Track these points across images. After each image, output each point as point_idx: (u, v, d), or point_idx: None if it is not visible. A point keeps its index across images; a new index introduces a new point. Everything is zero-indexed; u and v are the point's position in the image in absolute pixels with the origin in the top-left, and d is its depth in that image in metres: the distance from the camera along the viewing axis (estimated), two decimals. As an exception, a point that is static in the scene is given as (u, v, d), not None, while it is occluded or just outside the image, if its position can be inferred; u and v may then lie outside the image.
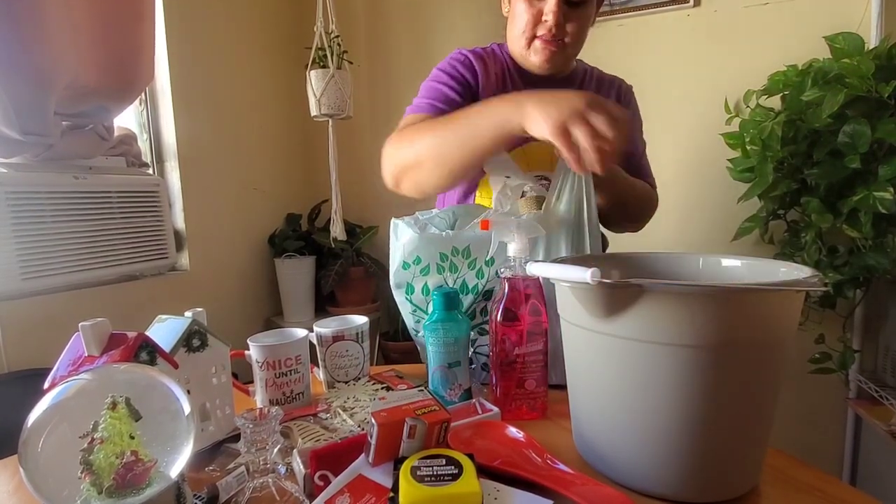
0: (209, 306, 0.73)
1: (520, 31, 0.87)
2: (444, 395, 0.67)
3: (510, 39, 0.92)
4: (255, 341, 0.69)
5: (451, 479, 0.41)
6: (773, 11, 1.50)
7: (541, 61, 0.87)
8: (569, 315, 0.53)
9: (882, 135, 1.11)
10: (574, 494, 0.44)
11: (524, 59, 0.91)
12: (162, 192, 1.54)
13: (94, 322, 0.50)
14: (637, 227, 1.02)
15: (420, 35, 2.00)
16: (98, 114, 1.37)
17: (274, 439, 0.49)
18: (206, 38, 1.73)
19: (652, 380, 0.46)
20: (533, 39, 0.86)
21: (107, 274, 1.40)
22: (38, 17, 1.12)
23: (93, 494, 0.38)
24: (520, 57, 0.92)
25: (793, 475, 0.51)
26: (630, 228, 1.02)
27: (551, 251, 0.73)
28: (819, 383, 1.41)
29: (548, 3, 0.83)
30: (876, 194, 1.13)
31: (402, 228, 0.75)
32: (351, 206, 2.03)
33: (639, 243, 1.04)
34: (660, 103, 1.63)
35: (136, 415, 0.41)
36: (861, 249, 1.23)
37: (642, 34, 1.66)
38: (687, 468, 0.46)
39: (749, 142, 1.38)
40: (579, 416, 0.56)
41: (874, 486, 1.39)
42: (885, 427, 1.21)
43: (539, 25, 0.85)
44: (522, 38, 0.87)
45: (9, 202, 1.17)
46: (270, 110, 2.02)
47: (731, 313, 0.43)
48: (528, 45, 0.87)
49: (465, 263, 0.73)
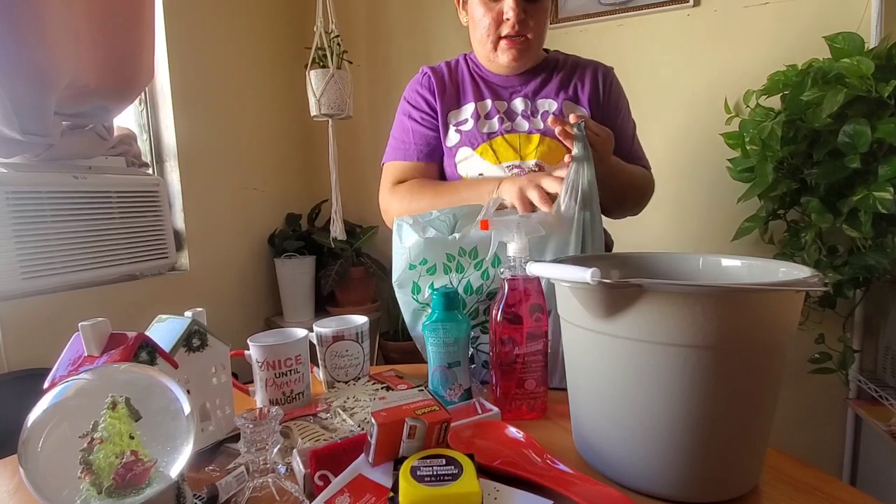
0: (209, 306, 0.73)
1: (483, 34, 0.90)
2: (444, 395, 0.67)
3: (476, 45, 0.95)
4: (255, 341, 0.69)
5: (451, 479, 0.41)
6: (773, 11, 1.50)
7: (509, 60, 0.90)
8: (569, 315, 0.53)
9: (882, 135, 1.11)
10: (574, 494, 0.44)
11: (492, 62, 0.94)
12: (162, 192, 1.54)
13: (94, 322, 0.50)
14: (637, 211, 1.02)
15: (420, 35, 2.00)
16: (98, 114, 1.37)
17: (274, 439, 0.49)
18: (205, 38, 1.73)
19: (652, 380, 0.46)
20: (498, 41, 0.89)
21: (107, 274, 1.40)
22: (38, 17, 1.12)
23: (93, 494, 0.38)
24: (487, 61, 0.95)
25: (793, 475, 0.51)
26: (630, 213, 1.02)
27: (559, 251, 0.73)
28: (819, 383, 1.41)
29: (506, 2, 0.86)
30: (876, 194, 1.13)
31: (407, 231, 0.75)
32: (351, 206, 2.03)
33: (639, 243, 1.04)
34: (660, 103, 1.63)
35: (135, 415, 0.41)
36: (861, 249, 1.23)
37: (642, 34, 1.66)
38: (687, 468, 0.46)
39: (749, 142, 1.38)
40: (579, 416, 0.56)
41: (874, 486, 1.39)
42: (885, 427, 1.21)
43: (502, 26, 0.88)
44: (487, 41, 0.90)
45: (9, 202, 1.17)
46: (270, 110, 2.02)
47: (732, 313, 0.43)
48: (495, 48, 0.90)
49: (471, 264, 0.74)
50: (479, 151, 0.93)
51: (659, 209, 1.02)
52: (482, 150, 0.93)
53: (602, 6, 1.69)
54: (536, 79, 0.96)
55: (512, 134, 0.93)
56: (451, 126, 0.96)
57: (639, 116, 1.05)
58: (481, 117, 0.95)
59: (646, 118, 1.06)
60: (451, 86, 0.97)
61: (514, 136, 0.93)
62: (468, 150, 0.94)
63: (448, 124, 0.96)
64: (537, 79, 0.96)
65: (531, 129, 0.93)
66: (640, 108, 1.06)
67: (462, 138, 0.94)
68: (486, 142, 0.93)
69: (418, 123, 0.98)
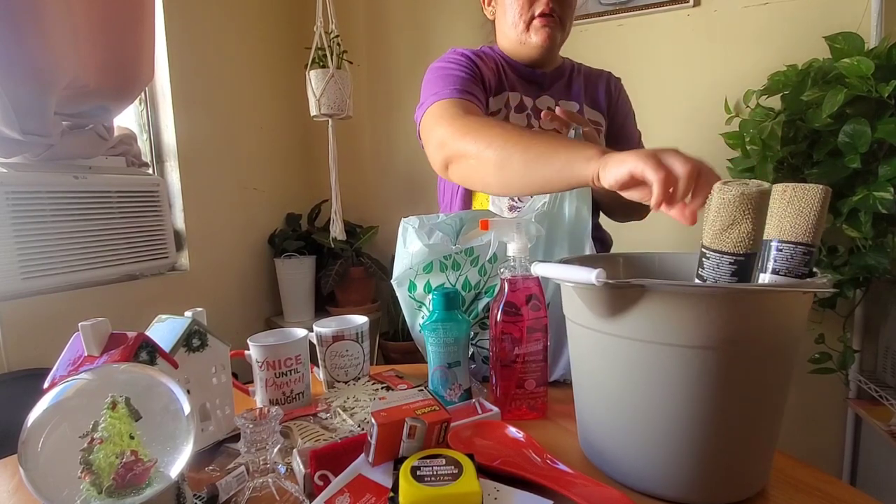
0: (209, 306, 0.73)
1: (516, 16, 0.90)
2: (444, 395, 0.67)
3: (504, 31, 0.94)
4: (255, 341, 0.69)
5: (451, 479, 0.41)
6: (773, 11, 1.50)
7: (541, 40, 0.89)
8: (574, 315, 0.53)
9: (882, 135, 1.11)
10: (574, 494, 0.44)
11: (521, 46, 0.92)
12: (162, 192, 1.54)
13: (94, 322, 0.50)
14: (643, 215, 1.01)
15: (420, 35, 1.99)
16: (98, 114, 1.37)
17: (274, 439, 0.49)
18: (205, 37, 1.73)
19: (657, 380, 0.45)
20: (531, 21, 0.89)
21: (107, 274, 1.40)
22: (38, 18, 1.12)
23: (93, 494, 0.38)
24: (518, 44, 0.93)
25: (793, 475, 0.51)
26: (636, 217, 1.01)
27: (554, 252, 0.73)
28: (819, 383, 1.41)
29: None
30: (876, 194, 1.13)
31: (411, 236, 0.75)
32: (351, 206, 2.03)
33: (639, 243, 1.04)
34: (660, 103, 1.63)
35: (135, 415, 0.41)
36: (861, 249, 1.23)
37: (642, 34, 1.66)
38: (693, 470, 0.46)
39: (749, 141, 1.38)
40: (584, 417, 0.56)
41: (874, 486, 1.39)
42: (885, 427, 1.21)
43: (535, 4, 0.88)
44: (520, 22, 0.90)
45: (9, 202, 1.16)
46: (270, 110, 2.02)
47: (737, 314, 0.42)
48: (528, 27, 0.90)
49: (467, 261, 0.74)
50: None
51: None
52: None
53: (602, 6, 1.69)
54: (560, 80, 0.97)
55: None
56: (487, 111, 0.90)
57: (639, 116, 1.05)
58: (512, 109, 0.93)
59: (646, 118, 1.06)
60: (490, 71, 0.93)
61: None
62: None
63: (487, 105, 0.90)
64: (560, 80, 0.97)
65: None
66: (641, 109, 1.06)
67: None
68: None
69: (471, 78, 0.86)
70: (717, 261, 0.46)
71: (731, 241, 0.44)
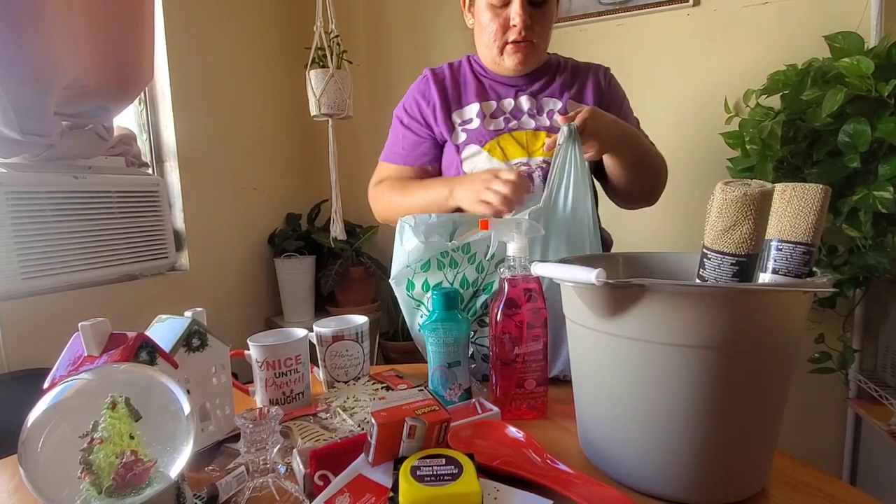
0: (209, 306, 0.73)
1: (490, 39, 0.91)
2: (444, 394, 0.67)
3: (481, 49, 0.96)
4: (255, 341, 0.69)
5: (451, 479, 0.41)
6: (773, 11, 1.50)
7: (515, 64, 0.92)
8: (574, 315, 0.53)
9: (882, 134, 1.11)
10: (574, 494, 0.44)
11: (497, 66, 0.95)
12: (161, 192, 1.54)
13: (94, 322, 0.50)
14: (652, 196, 0.99)
15: (420, 35, 1.99)
16: (98, 114, 1.37)
17: (274, 439, 0.49)
18: (205, 38, 1.73)
19: (657, 380, 0.45)
20: (504, 46, 0.90)
21: (107, 274, 1.40)
22: (38, 18, 1.12)
23: (93, 494, 0.38)
24: (492, 64, 0.96)
25: (793, 475, 0.51)
26: (644, 201, 1.00)
27: (551, 251, 0.73)
28: (819, 383, 1.41)
29: (513, 9, 0.87)
30: (876, 194, 1.13)
31: (408, 234, 0.75)
32: (351, 206, 2.03)
33: (639, 242, 1.04)
34: (659, 103, 1.63)
35: (135, 415, 0.41)
36: (861, 249, 1.23)
37: (642, 34, 1.66)
38: (693, 470, 0.46)
39: (749, 141, 1.38)
40: (585, 417, 0.56)
41: (874, 486, 1.39)
42: (885, 427, 1.21)
43: (508, 31, 0.89)
44: (494, 45, 0.91)
45: (9, 202, 1.16)
46: (270, 110, 2.02)
47: (737, 314, 0.42)
48: (501, 52, 0.91)
49: (465, 258, 0.74)
50: (486, 148, 0.93)
51: (659, 208, 1.02)
52: (490, 147, 0.93)
53: (601, 6, 1.69)
54: (541, 79, 0.97)
55: (519, 131, 0.94)
56: (458, 126, 0.96)
57: (639, 116, 1.05)
58: (487, 116, 0.95)
59: (646, 118, 1.06)
60: (452, 86, 0.98)
61: (521, 134, 0.93)
62: (476, 146, 0.94)
63: (454, 124, 0.97)
64: (541, 79, 0.97)
65: (537, 127, 0.93)
66: (640, 108, 1.06)
67: (469, 136, 0.95)
68: (493, 139, 0.93)
69: (408, 129, 1.01)
70: (719, 261, 0.46)
71: (733, 241, 0.44)
